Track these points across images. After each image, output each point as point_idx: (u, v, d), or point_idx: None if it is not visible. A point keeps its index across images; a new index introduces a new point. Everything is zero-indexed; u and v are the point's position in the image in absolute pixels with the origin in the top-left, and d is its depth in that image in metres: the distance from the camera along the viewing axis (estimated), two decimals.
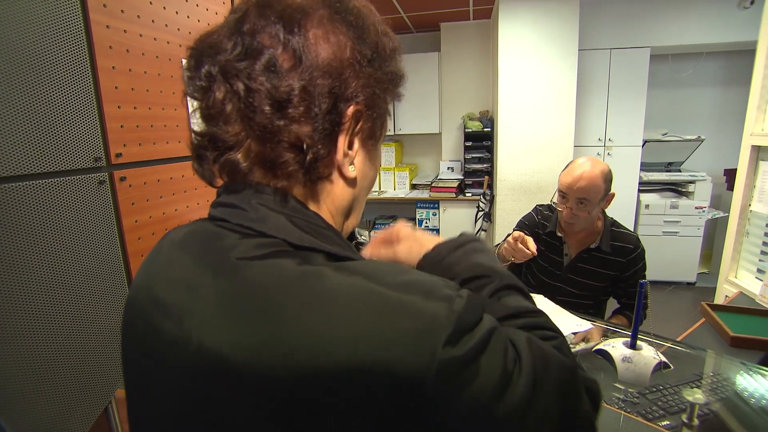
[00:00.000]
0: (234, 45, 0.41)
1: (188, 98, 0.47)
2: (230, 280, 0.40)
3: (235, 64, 0.41)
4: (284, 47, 0.41)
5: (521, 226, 1.80)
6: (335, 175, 0.47)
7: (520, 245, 1.36)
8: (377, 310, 0.36)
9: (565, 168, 1.61)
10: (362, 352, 0.34)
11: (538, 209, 1.79)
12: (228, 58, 0.41)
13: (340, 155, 0.45)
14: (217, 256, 0.42)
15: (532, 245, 1.34)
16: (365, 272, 0.38)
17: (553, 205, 1.75)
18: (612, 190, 1.55)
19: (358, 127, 0.46)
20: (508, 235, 1.83)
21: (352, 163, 0.47)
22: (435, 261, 0.57)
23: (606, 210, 1.63)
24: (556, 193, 1.61)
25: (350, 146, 0.46)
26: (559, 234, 1.67)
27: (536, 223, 1.75)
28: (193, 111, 0.47)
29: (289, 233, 0.42)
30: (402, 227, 0.66)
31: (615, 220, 1.68)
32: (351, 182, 0.48)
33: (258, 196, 0.44)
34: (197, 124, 0.45)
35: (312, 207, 0.46)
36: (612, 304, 1.78)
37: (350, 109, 0.44)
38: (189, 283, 0.42)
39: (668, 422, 0.92)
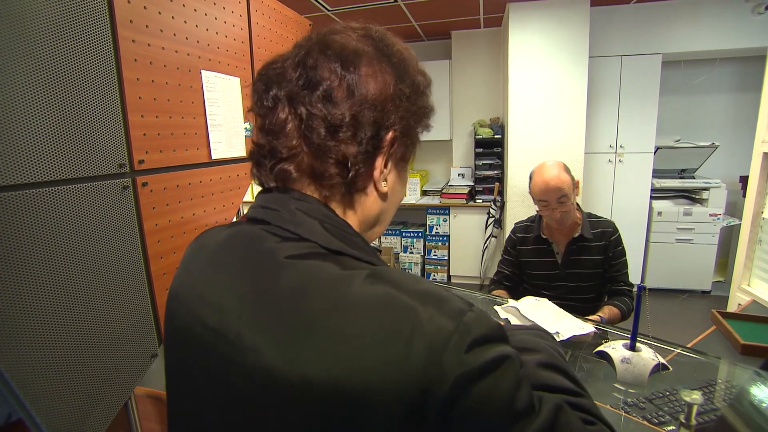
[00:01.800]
0: (299, 75, 0.50)
1: (206, 110, 0.54)
2: (273, 279, 0.44)
3: (299, 92, 0.49)
4: (340, 81, 0.49)
5: (506, 251, 1.93)
6: (370, 189, 0.53)
7: None
8: (397, 316, 0.39)
9: (531, 180, 1.73)
10: (384, 358, 0.37)
11: (516, 227, 1.91)
12: (293, 86, 0.49)
13: (377, 173, 0.52)
14: (262, 256, 0.47)
15: None
16: (390, 280, 0.42)
17: (530, 221, 1.88)
18: (575, 180, 1.68)
19: (393, 149, 0.53)
20: (501, 265, 1.95)
21: (385, 180, 0.54)
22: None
23: (579, 197, 1.73)
24: (537, 205, 1.73)
25: (385, 165, 0.53)
26: (544, 236, 1.78)
27: (516, 240, 1.88)
28: (255, 126, 0.54)
29: (321, 237, 0.47)
30: None
31: (590, 212, 1.81)
32: (383, 196, 0.55)
33: (296, 202, 0.50)
34: (258, 136, 0.53)
35: (344, 214, 0.52)
36: None
37: (389, 135, 0.51)
38: (233, 280, 0.47)
39: (674, 427, 0.93)
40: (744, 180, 3.75)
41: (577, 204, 1.76)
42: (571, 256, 1.74)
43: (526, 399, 0.40)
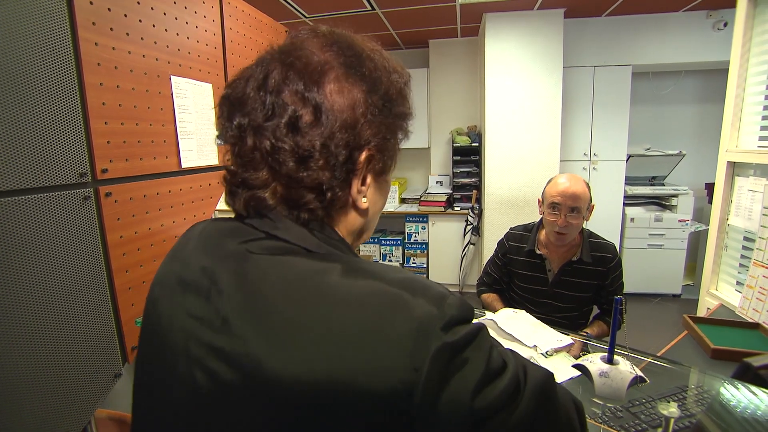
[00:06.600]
0: (262, 103, 0.46)
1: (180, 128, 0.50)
2: (260, 272, 0.43)
3: (263, 124, 0.46)
4: (305, 105, 0.46)
5: (496, 255, 1.87)
6: (350, 206, 0.51)
7: None
8: (381, 306, 0.39)
9: (549, 182, 1.66)
10: (368, 349, 0.37)
11: (510, 233, 1.85)
12: (256, 116, 0.46)
13: (354, 192, 0.50)
14: (249, 250, 0.46)
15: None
16: (369, 271, 0.43)
17: (530, 225, 1.81)
18: (592, 202, 1.62)
19: (370, 166, 0.50)
20: (490, 265, 1.88)
21: (365, 196, 0.52)
22: None
23: (588, 221, 1.68)
24: (544, 207, 1.65)
25: (363, 182, 0.50)
26: (539, 252, 1.71)
27: (507, 248, 1.82)
28: (226, 154, 0.51)
29: (308, 242, 0.46)
30: None
31: (591, 231, 1.73)
32: (363, 212, 0.53)
33: (286, 211, 0.48)
34: (231, 162, 0.50)
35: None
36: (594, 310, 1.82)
37: (363, 156, 0.49)
38: (221, 269, 0.46)
39: None
40: (709, 187, 3.90)
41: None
42: (563, 276, 1.68)
43: (498, 359, 0.42)
